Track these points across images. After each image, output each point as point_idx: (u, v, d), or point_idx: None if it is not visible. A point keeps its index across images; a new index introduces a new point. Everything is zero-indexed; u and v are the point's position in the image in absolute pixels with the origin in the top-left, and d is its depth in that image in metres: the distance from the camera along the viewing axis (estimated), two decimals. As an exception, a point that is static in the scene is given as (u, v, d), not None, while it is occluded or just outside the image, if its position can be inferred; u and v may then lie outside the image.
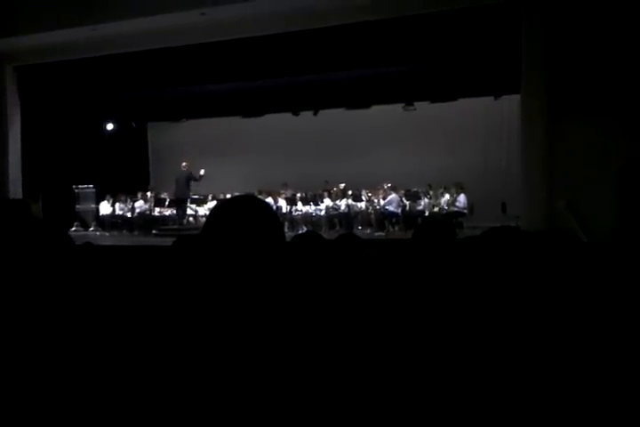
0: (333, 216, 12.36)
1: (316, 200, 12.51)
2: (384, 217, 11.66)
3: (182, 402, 1.15)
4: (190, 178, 12.20)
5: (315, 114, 13.95)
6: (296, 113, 14.16)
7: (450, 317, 1.60)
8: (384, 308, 1.78)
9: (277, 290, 1.28)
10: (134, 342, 1.29)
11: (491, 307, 1.61)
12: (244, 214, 1.28)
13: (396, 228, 11.76)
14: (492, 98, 12.60)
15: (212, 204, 13.09)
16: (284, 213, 12.42)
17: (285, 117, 14.22)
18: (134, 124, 15.71)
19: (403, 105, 13.27)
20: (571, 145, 8.26)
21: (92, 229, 13.56)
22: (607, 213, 7.55)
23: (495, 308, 1.60)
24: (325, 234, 10.77)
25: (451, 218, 11.18)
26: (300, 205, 12.65)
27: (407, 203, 11.97)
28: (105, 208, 13.64)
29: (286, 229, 12.03)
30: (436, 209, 11.70)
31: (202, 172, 12.32)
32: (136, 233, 13.00)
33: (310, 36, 10.38)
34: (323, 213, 12.40)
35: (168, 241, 2.52)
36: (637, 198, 7.50)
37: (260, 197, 12.27)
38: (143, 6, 9.92)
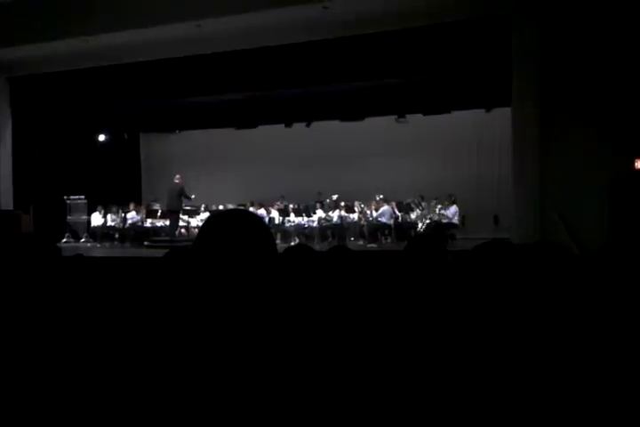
0: (326, 228, 12.36)
1: (309, 212, 12.52)
2: (376, 229, 11.67)
3: (167, 416, 1.14)
4: (182, 193, 12.14)
5: (307, 126, 14.00)
6: (289, 125, 14.20)
7: (442, 330, 1.59)
8: (376, 320, 1.78)
9: (269, 302, 1.28)
10: (126, 353, 1.28)
11: (483, 320, 1.61)
12: (237, 227, 1.28)
13: (389, 239, 11.78)
14: (484, 110, 12.71)
15: (204, 215, 13.07)
16: (277, 225, 12.41)
17: (279, 129, 14.27)
18: (126, 136, 15.69)
19: (396, 117, 13.34)
20: (562, 157, 8.32)
21: (83, 240, 13.50)
22: (599, 225, 7.59)
23: (488, 321, 1.60)
24: (318, 245, 10.78)
25: (443, 230, 11.21)
26: (292, 217, 12.65)
27: (400, 214, 12.00)
28: (96, 219, 13.58)
29: (278, 241, 12.02)
30: (428, 221, 11.73)
31: (192, 196, 12.38)
32: (127, 244, 12.95)
33: (303, 48, 10.46)
34: (315, 224, 12.40)
35: (160, 252, 2.51)
36: (628, 210, 7.55)
37: (252, 208, 12.30)
38: (137, 18, 9.97)
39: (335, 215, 12.31)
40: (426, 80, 11.69)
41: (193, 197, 12.44)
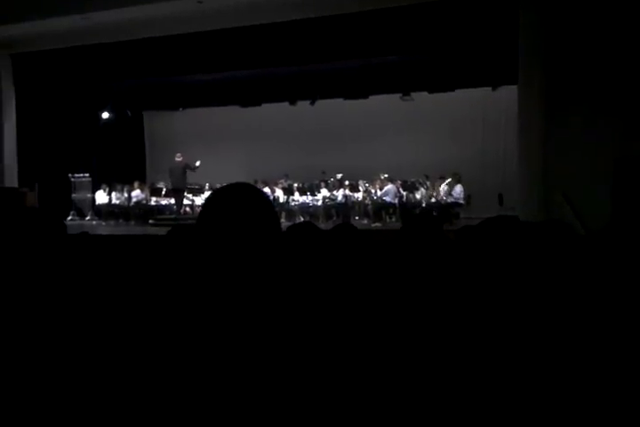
0: (330, 207, 12.35)
1: (313, 190, 12.50)
2: (381, 208, 11.66)
3: (181, 399, 1.15)
4: (187, 168, 12.11)
5: (312, 104, 13.90)
6: (293, 103, 14.10)
7: (447, 311, 1.60)
8: (381, 300, 1.78)
9: (273, 280, 1.28)
10: (129, 332, 1.28)
11: (488, 299, 1.61)
12: (239, 202, 1.27)
13: (393, 218, 11.77)
14: (490, 89, 12.58)
15: (208, 193, 13.02)
16: (282, 204, 12.41)
17: (283, 107, 14.17)
18: (130, 113, 15.62)
19: (400, 95, 13.22)
20: (567, 136, 8.26)
21: (88, 218, 13.55)
22: (603, 205, 7.57)
23: (492, 299, 1.60)
24: (322, 224, 10.78)
25: (447, 209, 11.19)
26: (297, 196, 12.64)
27: (404, 193, 11.97)
28: (101, 197, 13.61)
29: (283, 220, 12.02)
30: (432, 200, 11.71)
31: (197, 163, 12.23)
32: (132, 222, 12.98)
33: (308, 25, 10.33)
34: (320, 203, 12.39)
35: (164, 231, 2.51)
36: (633, 189, 7.51)
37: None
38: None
39: (340, 194, 12.30)
40: (431, 57, 11.56)
41: (198, 163, 12.20)
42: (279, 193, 12.68)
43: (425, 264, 2.07)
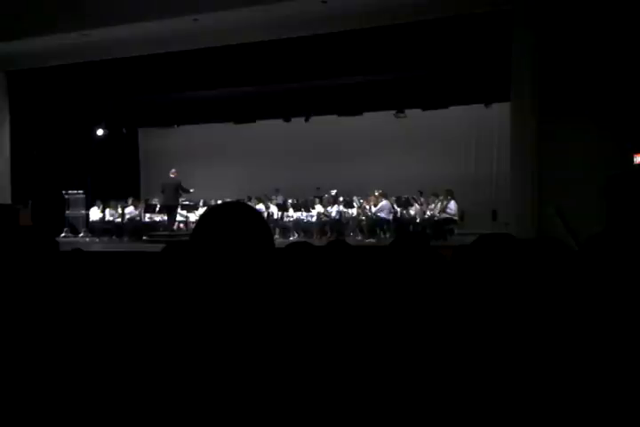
0: (325, 223, 12.35)
1: (308, 207, 12.51)
2: (375, 224, 11.67)
3: (167, 411, 1.14)
4: (179, 188, 12.14)
5: (306, 120, 13.98)
6: (288, 119, 14.18)
7: (441, 324, 1.59)
8: (372, 317, 1.78)
9: (267, 296, 1.28)
10: (124, 348, 1.28)
11: (482, 314, 1.61)
12: (233, 220, 1.28)
13: (388, 234, 11.78)
14: (483, 105, 12.69)
15: (202, 210, 13.04)
16: (276, 220, 12.40)
17: (277, 124, 14.24)
18: (125, 130, 15.66)
19: (394, 112, 13.32)
20: (561, 152, 8.32)
21: (81, 235, 13.49)
22: (597, 220, 7.59)
23: (486, 315, 1.60)
24: (316, 241, 10.77)
25: (441, 225, 11.21)
26: (291, 212, 12.64)
27: (398, 209, 11.99)
28: (95, 214, 13.58)
29: (277, 236, 12.01)
30: (426, 216, 11.73)
31: (192, 190, 12.37)
32: (126, 239, 12.94)
33: (302, 43, 10.43)
34: (314, 219, 12.39)
35: (158, 247, 2.50)
36: (626, 205, 7.55)
37: (250, 203, 12.27)
38: (135, 12, 9.93)
39: (334, 210, 12.30)
40: (425, 75, 11.68)
41: (192, 190, 12.43)
42: (273, 209, 12.68)
43: (416, 281, 2.07)
